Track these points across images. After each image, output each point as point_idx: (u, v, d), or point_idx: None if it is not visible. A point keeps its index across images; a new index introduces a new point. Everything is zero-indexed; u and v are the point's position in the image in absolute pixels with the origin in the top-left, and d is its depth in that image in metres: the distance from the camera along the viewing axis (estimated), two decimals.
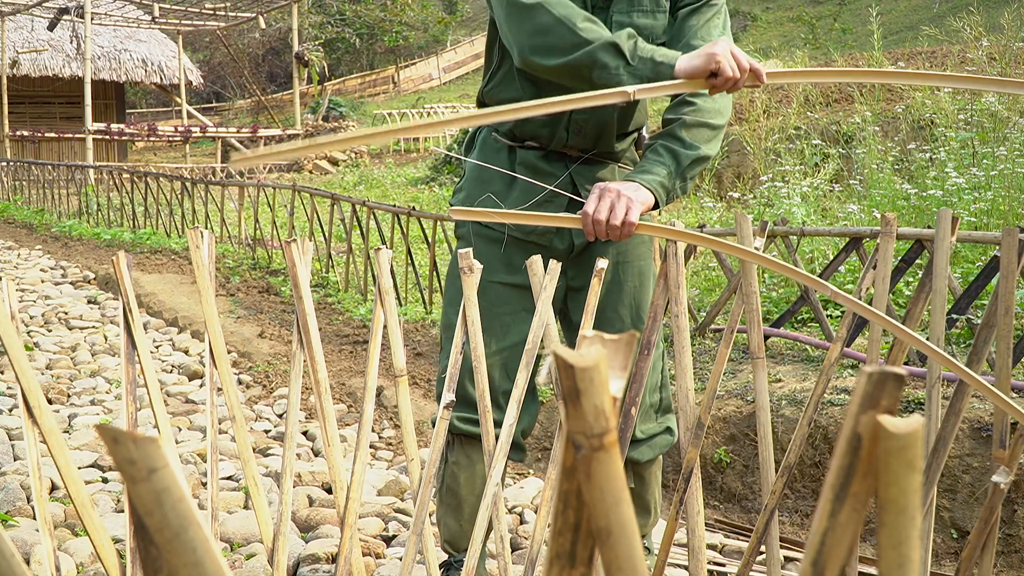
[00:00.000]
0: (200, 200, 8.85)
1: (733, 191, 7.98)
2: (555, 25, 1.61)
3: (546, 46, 1.63)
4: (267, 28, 23.52)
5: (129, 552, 1.31)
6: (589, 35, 1.60)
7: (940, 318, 1.50)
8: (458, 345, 1.55)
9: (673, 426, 2.04)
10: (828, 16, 20.82)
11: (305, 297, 1.49)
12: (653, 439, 1.98)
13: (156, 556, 0.34)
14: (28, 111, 20.64)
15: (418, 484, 1.55)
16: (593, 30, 1.61)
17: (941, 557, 2.46)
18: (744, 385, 3.17)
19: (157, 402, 1.40)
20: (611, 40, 1.59)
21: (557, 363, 0.34)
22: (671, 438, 2.02)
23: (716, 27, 1.78)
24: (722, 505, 2.93)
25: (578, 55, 1.60)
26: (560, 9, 1.62)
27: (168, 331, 5.27)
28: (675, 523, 1.55)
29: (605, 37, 1.60)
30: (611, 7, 1.78)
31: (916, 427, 0.33)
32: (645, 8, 1.81)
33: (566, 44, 1.61)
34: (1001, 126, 5.35)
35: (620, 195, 1.61)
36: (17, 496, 2.66)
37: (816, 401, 1.53)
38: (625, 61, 1.59)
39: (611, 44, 1.59)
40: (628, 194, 1.62)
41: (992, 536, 1.46)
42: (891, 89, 8.45)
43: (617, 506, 0.34)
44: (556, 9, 1.62)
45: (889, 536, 0.34)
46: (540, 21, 1.62)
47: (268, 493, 2.77)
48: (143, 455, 0.33)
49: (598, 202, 1.61)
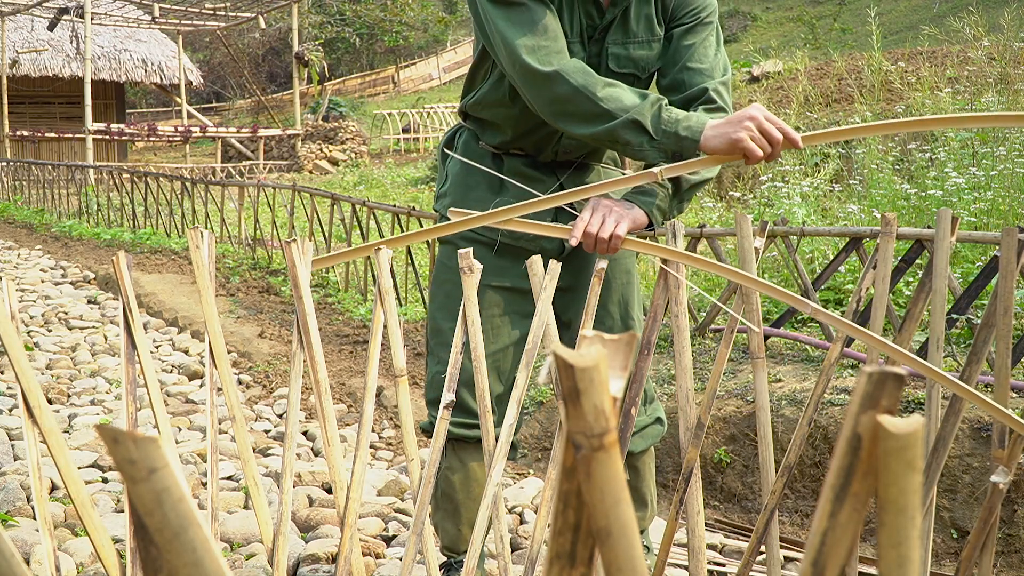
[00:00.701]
0: (200, 200, 8.85)
1: (733, 191, 7.97)
2: (574, 95, 1.60)
3: (567, 114, 1.63)
4: (267, 28, 23.52)
5: (129, 552, 1.31)
6: (610, 105, 1.59)
7: (940, 318, 1.50)
8: (458, 345, 1.55)
9: (662, 415, 2.05)
10: (828, 16, 20.82)
11: (305, 297, 1.49)
12: (644, 430, 2.00)
13: (156, 556, 0.34)
14: (28, 111, 20.64)
15: (418, 484, 1.55)
16: (615, 98, 1.60)
17: (941, 557, 2.46)
18: (744, 385, 3.17)
19: (157, 402, 1.40)
20: (633, 118, 1.59)
21: (557, 363, 0.34)
22: (662, 427, 2.03)
23: (711, 46, 1.80)
24: (722, 505, 2.93)
25: (601, 129, 1.60)
26: (579, 78, 1.60)
27: (168, 331, 5.27)
28: (675, 523, 1.55)
29: (628, 110, 1.59)
30: (607, 38, 1.77)
31: (916, 427, 0.33)
32: (641, 39, 1.80)
33: (588, 114, 1.61)
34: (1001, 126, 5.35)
35: (612, 210, 1.66)
36: (17, 496, 2.66)
37: (816, 401, 1.53)
38: (649, 137, 1.60)
39: (633, 122, 1.59)
40: (620, 210, 1.66)
41: (992, 536, 1.46)
42: (891, 89, 8.45)
43: (617, 506, 0.34)
44: (575, 77, 1.60)
45: (889, 536, 0.34)
46: (559, 91, 1.61)
47: (268, 493, 2.77)
48: (143, 455, 0.33)
49: (591, 215, 1.66)
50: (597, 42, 1.78)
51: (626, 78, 1.81)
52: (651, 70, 1.84)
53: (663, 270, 1.55)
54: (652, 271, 5.48)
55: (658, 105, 1.61)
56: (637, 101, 1.60)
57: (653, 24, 1.81)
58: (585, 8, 1.75)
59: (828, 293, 4.15)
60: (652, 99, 1.62)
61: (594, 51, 1.78)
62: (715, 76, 1.79)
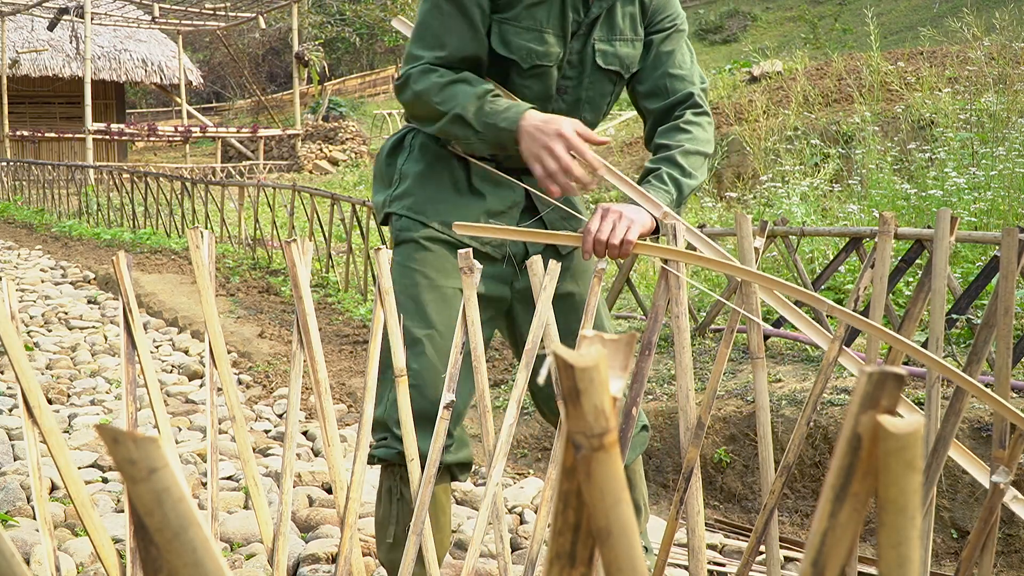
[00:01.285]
0: (200, 200, 8.85)
1: (733, 191, 7.98)
2: (415, 99, 1.72)
3: (415, 115, 1.76)
4: (267, 28, 23.52)
5: (129, 552, 1.31)
6: (444, 106, 1.68)
7: (940, 318, 1.50)
8: (458, 345, 1.55)
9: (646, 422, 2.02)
10: (828, 16, 20.82)
11: (305, 297, 1.49)
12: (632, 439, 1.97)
13: (156, 556, 0.34)
14: (28, 111, 20.64)
15: (418, 484, 1.55)
16: (449, 97, 1.68)
17: (941, 557, 2.46)
18: (744, 385, 3.17)
19: (157, 402, 1.40)
20: (457, 113, 1.66)
21: (557, 363, 0.34)
22: (647, 434, 2.00)
23: (688, 54, 1.87)
24: (722, 505, 2.93)
25: (439, 125, 1.70)
26: (420, 83, 1.70)
27: (168, 331, 5.27)
28: (675, 523, 1.55)
29: (456, 108, 1.66)
30: (592, 33, 1.77)
31: (916, 427, 0.33)
32: (627, 37, 1.81)
33: (428, 115, 1.72)
34: (1000, 126, 5.35)
35: (622, 216, 1.65)
36: (17, 496, 2.66)
37: (815, 401, 1.53)
38: (473, 130, 1.67)
39: (457, 117, 1.66)
40: (630, 216, 1.65)
41: (992, 536, 1.46)
42: (891, 89, 8.45)
43: (617, 506, 0.34)
44: (417, 84, 1.70)
45: (889, 536, 0.34)
46: (406, 96, 1.74)
47: (268, 493, 2.77)
48: (143, 455, 0.33)
49: (600, 222, 1.65)
50: (581, 38, 1.77)
51: (611, 75, 1.82)
52: (633, 70, 1.84)
53: (664, 270, 1.55)
54: (652, 271, 5.48)
55: (483, 99, 1.66)
56: (467, 98, 1.66)
57: (637, 24, 1.82)
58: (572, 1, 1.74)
59: (828, 293, 4.15)
60: (479, 92, 1.67)
61: (576, 47, 1.77)
62: (696, 83, 1.85)
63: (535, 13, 1.72)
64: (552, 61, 1.75)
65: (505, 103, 1.67)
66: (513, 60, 1.74)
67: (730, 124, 9.62)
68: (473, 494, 2.93)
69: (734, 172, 9.07)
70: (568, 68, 1.79)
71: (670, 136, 1.80)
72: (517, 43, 1.73)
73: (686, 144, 1.78)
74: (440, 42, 1.71)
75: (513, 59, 1.74)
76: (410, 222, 1.80)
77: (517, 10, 1.71)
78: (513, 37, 1.72)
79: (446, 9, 1.71)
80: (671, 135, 1.80)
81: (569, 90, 1.82)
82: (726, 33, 23.17)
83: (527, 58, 1.73)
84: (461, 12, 1.70)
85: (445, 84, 1.68)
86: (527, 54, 1.73)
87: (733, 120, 9.46)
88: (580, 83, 1.81)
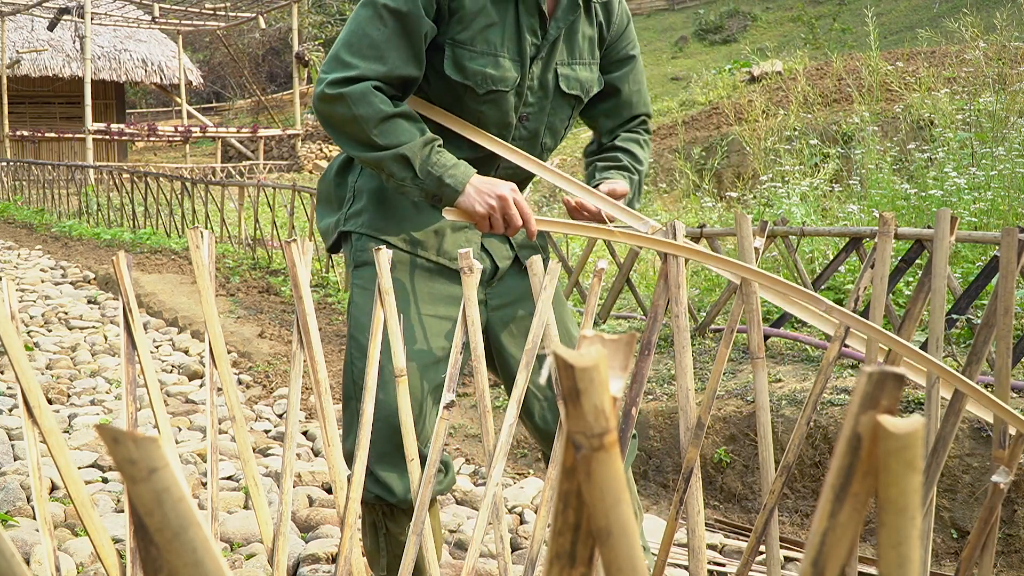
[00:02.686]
0: (200, 200, 8.85)
1: (733, 191, 7.97)
2: (350, 121, 1.60)
3: (342, 132, 1.63)
4: (267, 28, 23.52)
5: (129, 552, 1.31)
6: (383, 139, 1.59)
7: (940, 318, 1.50)
8: (458, 345, 1.55)
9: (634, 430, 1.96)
10: (828, 16, 20.82)
11: (305, 297, 1.49)
12: None
13: (156, 556, 0.34)
14: (28, 111, 20.65)
15: (418, 484, 1.55)
16: (390, 133, 1.59)
17: (941, 557, 2.46)
18: (744, 385, 3.17)
19: (157, 402, 1.40)
20: (403, 153, 1.59)
21: (557, 363, 0.34)
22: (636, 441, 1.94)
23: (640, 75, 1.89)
24: (722, 505, 2.93)
25: (370, 155, 1.61)
26: (362, 108, 1.59)
27: (168, 331, 5.27)
28: (675, 523, 1.55)
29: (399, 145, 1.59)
30: (553, 57, 1.72)
31: (916, 427, 0.33)
32: (585, 60, 1.78)
33: (360, 140, 1.61)
34: (1000, 126, 5.35)
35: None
36: (17, 496, 2.66)
37: (815, 401, 1.53)
38: (414, 174, 1.60)
39: (402, 157, 1.59)
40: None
41: (992, 536, 1.46)
42: (890, 89, 8.45)
43: (617, 506, 0.34)
44: (357, 107, 1.59)
45: (889, 536, 0.34)
46: (338, 111, 1.60)
47: (268, 493, 2.77)
48: (143, 455, 0.33)
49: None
50: (542, 62, 1.71)
51: (571, 100, 1.79)
52: (592, 93, 1.82)
53: (664, 270, 1.55)
54: (653, 272, 5.48)
55: (430, 146, 1.61)
56: (412, 139, 1.59)
57: (595, 47, 1.79)
58: (529, 23, 1.68)
59: (828, 293, 4.15)
60: (426, 139, 1.61)
61: (537, 72, 1.72)
62: (648, 106, 1.91)
63: (489, 36, 1.65)
64: (508, 86, 1.69)
65: (451, 159, 1.62)
66: (468, 85, 1.67)
67: (730, 124, 9.62)
68: (473, 494, 2.93)
69: (734, 172, 9.07)
70: (529, 94, 1.73)
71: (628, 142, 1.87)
72: (472, 68, 1.65)
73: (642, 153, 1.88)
74: (380, 55, 1.60)
75: (468, 84, 1.67)
76: (370, 240, 1.73)
77: (470, 33, 1.64)
78: (467, 62, 1.65)
79: (390, 24, 1.61)
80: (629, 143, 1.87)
81: (531, 117, 1.76)
82: (726, 33, 23.17)
83: (482, 83, 1.67)
84: (407, 32, 1.61)
85: (389, 116, 1.59)
86: (482, 79, 1.66)
87: (733, 120, 9.47)
88: (543, 109, 1.76)
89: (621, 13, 1.83)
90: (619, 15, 1.82)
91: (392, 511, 1.72)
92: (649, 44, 23.21)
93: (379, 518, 1.74)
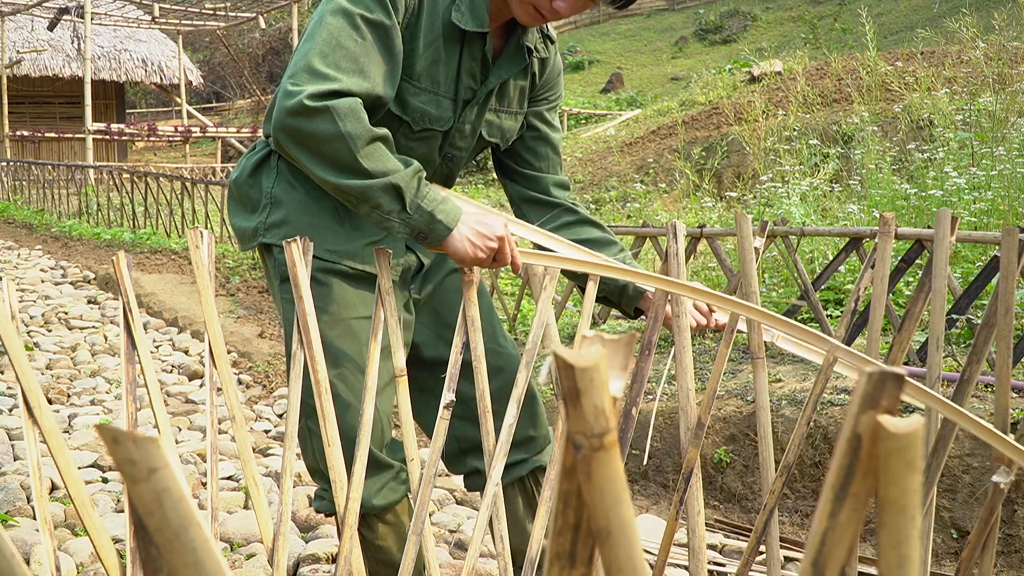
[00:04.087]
0: (200, 200, 8.85)
1: (733, 191, 7.98)
2: (334, 140, 1.41)
3: (319, 154, 1.44)
4: (267, 28, 23.50)
5: (129, 552, 1.31)
6: (369, 164, 1.43)
7: (940, 318, 1.50)
8: (458, 346, 1.55)
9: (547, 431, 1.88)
10: (828, 16, 20.82)
11: (305, 297, 1.49)
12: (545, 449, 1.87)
13: (156, 556, 0.34)
14: (28, 111, 20.65)
15: (418, 484, 1.55)
16: (376, 157, 1.44)
17: (941, 557, 2.46)
18: (744, 385, 3.17)
19: (157, 402, 1.40)
20: (394, 183, 1.44)
21: (557, 363, 0.34)
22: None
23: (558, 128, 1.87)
24: (722, 505, 2.93)
25: (352, 183, 1.43)
26: (351, 124, 1.41)
27: (168, 331, 5.27)
28: (675, 523, 1.55)
29: (389, 173, 1.44)
30: (487, 104, 1.69)
31: (916, 427, 0.33)
32: (512, 109, 1.75)
33: (342, 164, 1.43)
34: (1000, 126, 5.35)
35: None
36: (17, 496, 2.66)
37: (815, 401, 1.53)
38: (402, 207, 1.46)
39: (393, 186, 1.44)
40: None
41: (992, 536, 1.46)
42: (890, 89, 8.45)
43: (617, 506, 0.34)
44: (345, 123, 1.41)
45: (889, 536, 0.34)
46: (319, 129, 1.41)
47: (268, 493, 2.77)
48: (143, 455, 0.33)
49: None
50: (475, 107, 1.67)
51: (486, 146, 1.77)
52: (510, 141, 1.79)
53: (665, 270, 1.55)
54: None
55: (419, 177, 1.48)
56: (399, 167, 1.46)
57: (524, 97, 1.76)
58: (470, 66, 1.63)
59: (828, 293, 4.15)
60: (415, 168, 1.48)
61: (471, 116, 1.68)
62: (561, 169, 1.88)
63: (434, 74, 1.59)
64: (442, 126, 1.64)
65: (439, 192, 1.52)
66: (405, 120, 1.60)
67: (730, 124, 9.62)
68: (473, 494, 2.93)
69: (734, 172, 9.07)
70: (458, 137, 1.69)
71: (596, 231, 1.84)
72: (414, 104, 1.59)
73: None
74: (360, 70, 1.46)
75: (405, 119, 1.60)
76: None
77: (419, 68, 1.57)
78: (411, 98, 1.59)
79: (368, 36, 1.48)
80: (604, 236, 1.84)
81: (455, 159, 1.73)
82: (726, 33, 23.17)
83: (419, 120, 1.61)
84: (386, 47, 1.51)
85: (376, 138, 1.46)
86: (420, 116, 1.61)
87: (733, 120, 9.47)
88: (467, 150, 1.73)
89: (554, 66, 1.80)
90: (552, 67, 1.79)
91: (364, 519, 1.70)
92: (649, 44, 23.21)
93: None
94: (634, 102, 18.10)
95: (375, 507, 1.69)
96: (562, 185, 1.86)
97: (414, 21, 1.56)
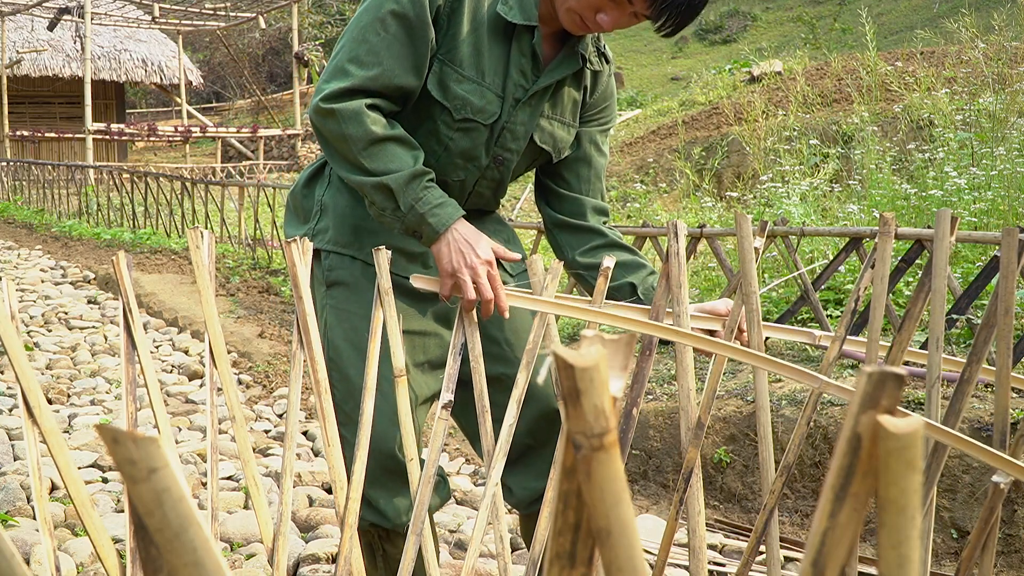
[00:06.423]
0: (200, 200, 8.85)
1: (733, 191, 7.98)
2: (340, 140, 1.52)
3: (333, 149, 1.55)
4: (267, 28, 23.51)
5: (129, 552, 1.31)
6: (371, 164, 1.51)
7: (940, 318, 1.50)
8: (457, 347, 1.55)
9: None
10: (828, 16, 20.82)
11: (305, 297, 1.49)
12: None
13: (156, 556, 0.34)
14: (28, 111, 20.65)
15: (418, 484, 1.55)
16: (380, 158, 1.51)
17: (941, 557, 2.46)
18: (744, 385, 3.17)
19: (157, 402, 1.40)
20: (384, 183, 1.50)
21: (557, 363, 0.34)
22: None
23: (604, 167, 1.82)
24: (722, 505, 2.93)
25: (355, 179, 1.53)
26: (351, 127, 1.50)
27: (168, 331, 5.27)
28: (675, 523, 1.55)
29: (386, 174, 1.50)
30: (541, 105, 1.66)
31: (916, 427, 0.33)
32: (565, 120, 1.72)
33: (347, 159, 1.53)
34: (999, 126, 5.35)
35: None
36: (17, 496, 2.66)
37: (815, 401, 1.53)
38: (395, 205, 1.52)
39: (383, 186, 1.50)
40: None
41: (992, 536, 1.46)
42: (890, 89, 8.45)
43: (617, 506, 0.34)
44: (347, 126, 1.51)
45: (889, 536, 0.34)
46: (329, 128, 1.53)
47: (268, 493, 2.77)
48: (143, 455, 0.33)
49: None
50: (528, 108, 1.65)
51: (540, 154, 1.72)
52: (563, 156, 1.75)
53: (665, 269, 1.55)
54: None
55: (419, 180, 1.52)
56: (401, 168, 1.51)
57: (576, 111, 1.73)
58: (519, 63, 1.61)
59: (828, 293, 4.15)
60: (416, 171, 1.52)
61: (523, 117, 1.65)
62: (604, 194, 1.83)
63: (479, 63, 1.59)
64: (486, 120, 1.62)
65: (439, 196, 1.54)
66: (446, 107, 1.60)
67: (730, 124, 9.62)
68: (473, 494, 2.93)
69: (734, 172, 9.07)
70: (509, 137, 1.66)
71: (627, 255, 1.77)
72: (455, 90, 1.59)
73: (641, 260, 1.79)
74: (377, 61, 1.52)
75: (446, 106, 1.60)
76: (340, 259, 1.67)
77: (461, 54, 1.57)
78: (452, 83, 1.59)
79: (392, 29, 1.53)
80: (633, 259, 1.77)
81: (506, 161, 1.69)
82: (726, 33, 23.17)
83: (460, 109, 1.60)
84: (410, 38, 1.54)
85: (379, 139, 1.51)
86: (461, 104, 1.60)
87: (733, 120, 9.47)
88: (518, 155, 1.69)
89: (608, 86, 1.77)
90: (606, 87, 1.77)
91: (388, 534, 1.70)
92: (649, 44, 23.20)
93: (375, 541, 1.73)
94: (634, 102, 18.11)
95: (401, 525, 1.66)
96: (601, 211, 1.80)
97: (457, 6, 1.57)
